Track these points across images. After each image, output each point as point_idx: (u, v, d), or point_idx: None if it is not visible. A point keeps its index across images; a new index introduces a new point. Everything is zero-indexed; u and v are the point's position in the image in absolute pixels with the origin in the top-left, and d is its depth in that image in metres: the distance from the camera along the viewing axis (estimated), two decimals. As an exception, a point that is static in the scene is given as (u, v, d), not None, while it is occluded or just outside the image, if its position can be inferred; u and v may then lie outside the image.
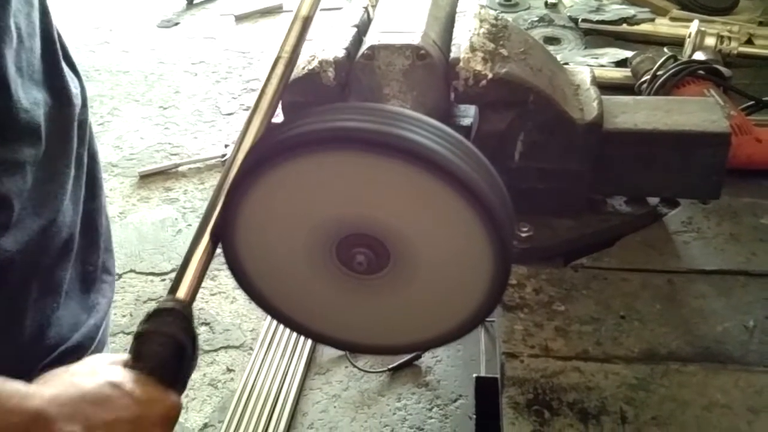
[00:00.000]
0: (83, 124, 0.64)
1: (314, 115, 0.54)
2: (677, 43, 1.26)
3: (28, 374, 0.57)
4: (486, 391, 0.88)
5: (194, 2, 4.32)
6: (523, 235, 0.83)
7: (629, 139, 0.80)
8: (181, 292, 0.53)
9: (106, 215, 0.73)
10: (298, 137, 0.52)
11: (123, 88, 3.45)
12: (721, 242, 0.86)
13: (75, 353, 0.62)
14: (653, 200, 0.89)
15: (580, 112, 0.79)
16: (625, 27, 1.33)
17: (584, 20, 1.35)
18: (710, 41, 1.19)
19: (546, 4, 1.50)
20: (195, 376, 1.98)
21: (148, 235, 2.46)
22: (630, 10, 1.37)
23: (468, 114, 0.84)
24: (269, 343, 1.97)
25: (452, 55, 0.74)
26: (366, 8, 0.86)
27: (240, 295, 2.18)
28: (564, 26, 1.37)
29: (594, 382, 0.70)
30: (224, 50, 3.75)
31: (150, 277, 2.28)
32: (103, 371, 0.48)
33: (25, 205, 0.54)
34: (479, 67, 0.73)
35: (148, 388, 0.48)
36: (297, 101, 0.79)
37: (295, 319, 0.65)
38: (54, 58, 0.58)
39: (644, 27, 1.32)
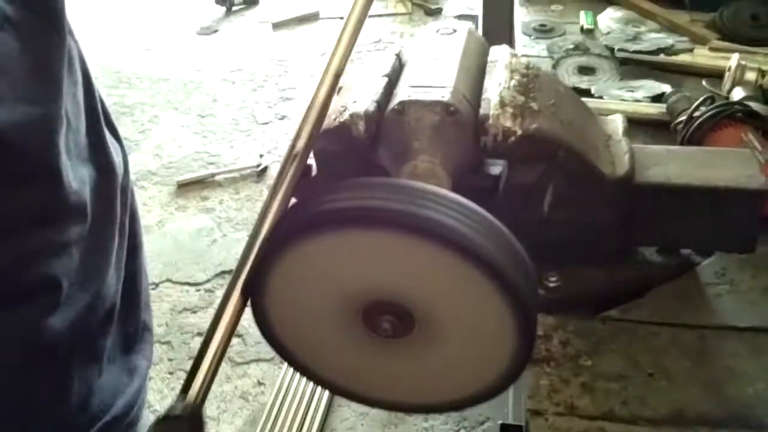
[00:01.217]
0: (125, 189, 0.65)
1: (346, 190, 0.55)
2: (716, 74, 1.24)
3: None
4: (510, 439, 0.89)
5: (233, 9, 4.39)
6: (551, 285, 0.83)
7: (661, 193, 0.79)
8: (194, 389, 0.51)
9: (145, 272, 0.74)
10: (330, 213, 0.54)
11: (163, 96, 3.53)
12: (755, 296, 0.84)
13: (118, 422, 0.63)
14: (686, 250, 0.88)
15: (611, 166, 0.79)
16: (662, 57, 1.31)
17: (620, 50, 1.33)
18: (751, 76, 1.16)
19: (582, 29, 1.48)
20: (227, 388, 2.03)
21: (185, 244, 2.52)
22: (668, 40, 1.35)
23: (497, 162, 0.84)
24: (300, 358, 2.00)
25: (482, 111, 0.75)
26: (398, 55, 0.87)
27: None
28: (599, 55, 1.35)
29: (619, 444, 0.69)
30: (261, 58, 3.81)
31: (185, 287, 2.34)
32: None
33: (72, 282, 0.55)
34: (508, 124, 0.74)
35: None
36: (328, 149, 0.81)
37: (324, 378, 0.66)
38: (98, 133, 0.59)
39: (682, 58, 1.30)
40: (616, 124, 0.85)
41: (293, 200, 0.60)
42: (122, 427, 0.64)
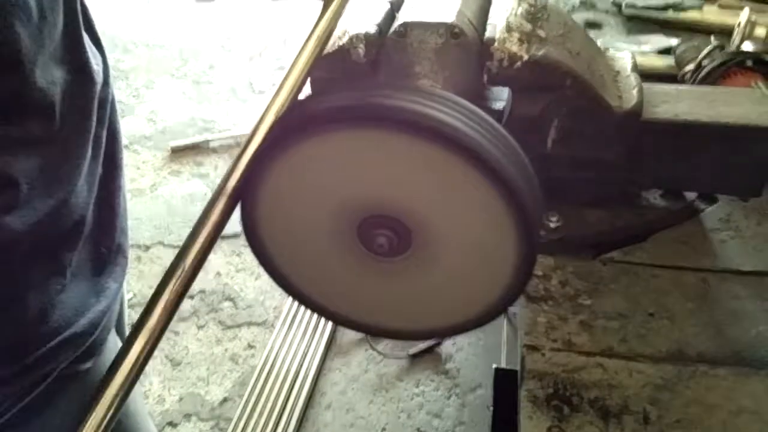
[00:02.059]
0: (104, 102, 0.61)
1: (347, 90, 0.53)
2: (726, 32, 1.21)
3: (29, 358, 0.56)
4: (505, 383, 0.87)
5: (232, -22, 4.31)
6: (552, 225, 0.81)
7: (669, 130, 0.77)
8: None
9: (124, 196, 0.70)
10: (330, 111, 0.51)
11: (158, 62, 3.47)
12: (760, 242, 0.82)
13: (79, 339, 0.60)
14: (690, 195, 0.86)
15: (619, 100, 0.76)
16: (670, 14, 1.28)
17: (628, 5, 1.30)
18: (761, 31, 1.13)
19: (589, -12, 1.45)
20: (216, 350, 2.02)
21: (178, 208, 2.48)
22: (677, -3, 1.32)
23: (501, 98, 0.81)
24: (291, 322, 1.98)
25: (487, 35, 0.72)
26: (401, -16, 0.84)
27: (264, 272, 2.19)
28: (606, 11, 1.32)
29: (617, 380, 0.67)
30: (260, 27, 3.75)
31: (176, 250, 2.30)
32: None
33: (34, 185, 0.52)
34: (515, 49, 0.71)
35: None
36: (326, 77, 0.77)
37: (313, 298, 0.64)
38: (76, 33, 0.55)
39: (691, 14, 1.27)
40: (625, 60, 0.82)
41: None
42: (85, 344, 0.61)
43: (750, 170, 0.77)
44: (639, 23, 1.29)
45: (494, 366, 0.89)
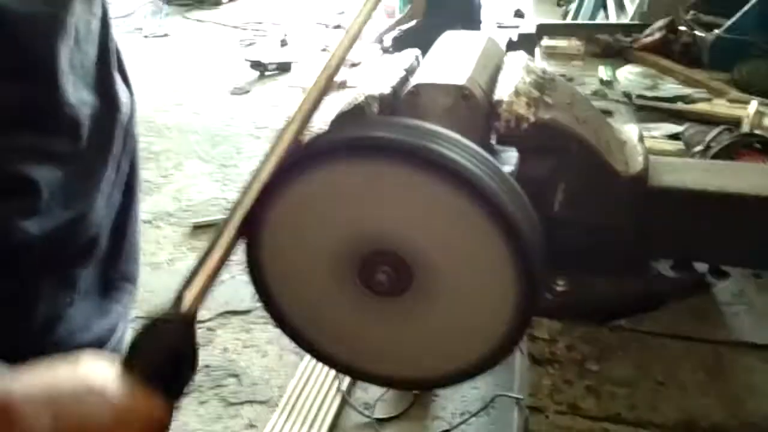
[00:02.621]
0: (128, 133, 0.66)
1: (351, 126, 0.55)
2: (734, 123, 1.24)
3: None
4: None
5: (266, 74, 4.58)
6: (559, 289, 0.80)
7: (676, 198, 0.77)
8: (188, 298, 0.51)
9: (138, 228, 0.74)
10: (333, 143, 0.53)
11: (189, 146, 3.63)
12: (775, 317, 0.80)
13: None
14: (702, 267, 0.85)
15: (625, 165, 0.77)
16: (680, 105, 1.32)
17: (639, 96, 1.35)
18: (769, 122, 1.16)
19: (601, 81, 1.51)
20: (216, 428, 1.95)
21: (192, 283, 2.50)
22: (686, 90, 1.36)
23: (509, 162, 0.83)
24: (295, 402, 1.92)
25: (496, 97, 0.75)
26: (417, 56, 0.89)
27: (272, 350, 2.16)
28: (617, 101, 1.37)
29: (625, 446, 0.64)
30: (288, 117, 3.92)
31: (187, 324, 2.29)
32: (87, 372, 0.46)
33: (54, 195, 0.55)
34: (522, 111, 0.74)
35: (131, 395, 0.46)
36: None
37: (311, 339, 0.63)
38: (107, 68, 0.61)
39: (700, 106, 1.31)
40: (632, 133, 0.84)
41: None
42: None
43: (759, 242, 0.77)
44: (649, 113, 1.33)
45: (498, 436, 0.85)
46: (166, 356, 0.49)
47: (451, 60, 0.82)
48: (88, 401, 0.44)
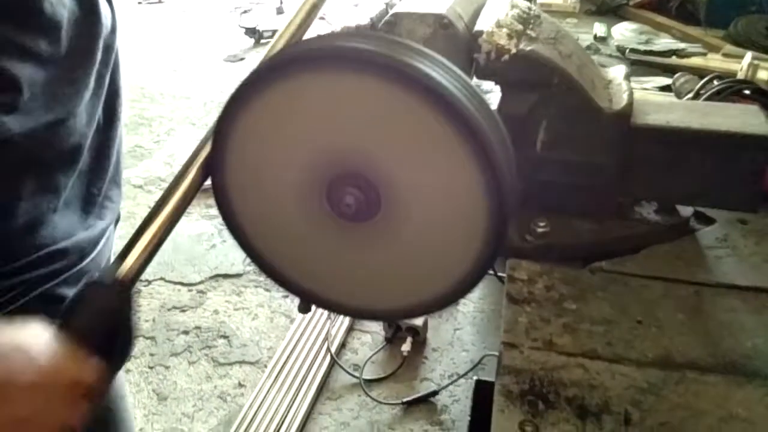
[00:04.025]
0: (109, 48, 0.66)
1: (313, 39, 0.53)
2: (728, 77, 1.21)
3: (11, 266, 0.58)
4: (484, 394, 0.81)
5: (261, 42, 4.52)
6: (540, 230, 0.79)
7: (659, 137, 0.75)
8: (126, 264, 0.49)
9: (119, 152, 0.74)
10: (293, 54, 0.51)
11: (182, 112, 3.59)
12: (759, 261, 0.78)
13: (64, 257, 0.63)
14: (686, 213, 0.83)
15: (609, 103, 0.75)
16: (674, 59, 1.29)
17: (632, 50, 1.32)
18: (763, 75, 1.14)
19: (595, 37, 1.48)
20: (206, 387, 1.96)
21: (183, 246, 2.48)
22: (681, 44, 1.34)
23: (491, 101, 0.81)
24: (284, 363, 1.92)
25: (476, 27, 0.73)
26: (399, -8, 0.86)
27: (262, 312, 2.16)
28: (610, 55, 1.34)
29: (599, 380, 0.63)
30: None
31: (177, 287, 2.29)
32: (17, 332, 0.45)
33: (36, 96, 0.55)
34: (503, 42, 0.71)
35: (58, 356, 0.44)
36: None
37: (281, 271, 0.61)
38: None
39: (694, 60, 1.28)
40: (618, 72, 0.82)
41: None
42: (71, 268, 0.63)
43: (745, 182, 0.75)
44: (643, 67, 1.31)
45: (475, 378, 0.84)
46: (100, 319, 0.47)
47: (433, -7, 0.79)
48: (12, 361, 0.43)
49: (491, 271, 1.04)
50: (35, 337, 0.45)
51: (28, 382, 0.43)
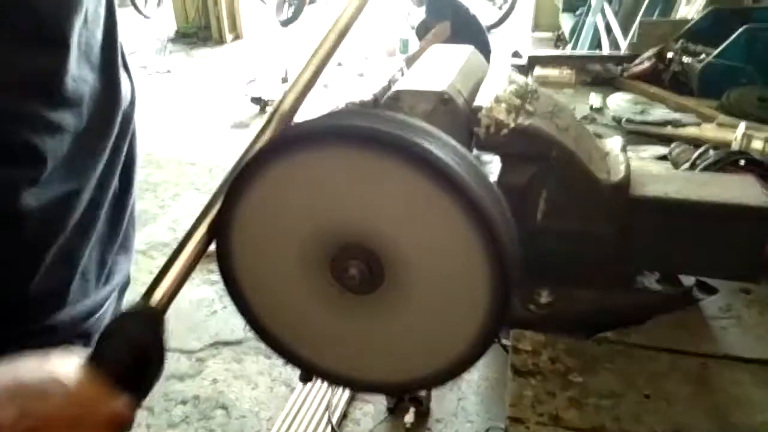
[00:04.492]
0: (127, 120, 0.68)
1: (321, 116, 0.55)
2: (724, 147, 1.24)
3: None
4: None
5: (266, 109, 4.64)
6: (543, 301, 0.79)
7: (658, 208, 0.76)
8: (157, 295, 0.51)
9: (133, 221, 0.76)
10: (299, 132, 0.53)
11: (187, 178, 3.64)
12: (763, 332, 0.78)
13: (74, 323, 0.64)
14: (688, 282, 0.83)
15: (607, 174, 0.77)
16: (669, 129, 1.32)
17: (628, 120, 1.35)
18: (758, 144, 1.16)
19: (591, 107, 1.52)
20: (203, 460, 1.88)
21: (184, 313, 2.47)
22: (675, 114, 1.37)
23: (491, 172, 0.83)
24: (284, 435, 1.87)
25: (476, 103, 0.75)
26: (401, 69, 0.89)
27: (262, 381, 2.12)
28: (606, 125, 1.38)
29: (607, 457, 0.61)
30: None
31: (177, 354, 2.25)
32: (53, 366, 0.46)
33: (57, 168, 0.57)
34: (502, 117, 0.73)
35: (94, 389, 0.46)
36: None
37: (283, 341, 0.61)
38: (112, 54, 0.63)
39: (689, 130, 1.31)
40: (615, 144, 0.84)
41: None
42: (76, 330, 0.65)
43: (744, 253, 0.75)
44: (639, 136, 1.33)
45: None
46: (131, 351, 0.49)
47: (434, 69, 0.82)
48: (52, 395, 0.45)
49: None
50: (70, 373, 0.46)
51: (68, 417, 0.44)
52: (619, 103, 1.48)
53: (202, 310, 2.49)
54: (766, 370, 0.72)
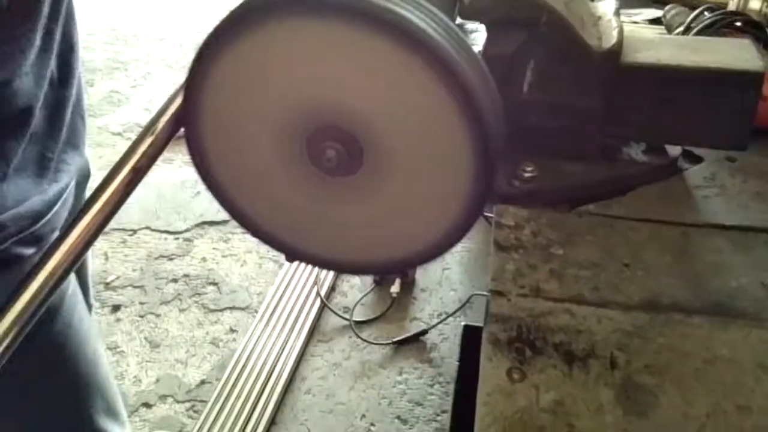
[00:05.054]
0: (57, 3, 0.61)
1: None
2: (720, 8, 1.18)
3: None
4: (472, 340, 0.82)
5: (237, -24, 4.33)
6: (527, 175, 0.77)
7: (650, 76, 0.73)
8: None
9: (81, 113, 0.71)
10: (262, 3, 0.48)
11: (158, 54, 3.47)
12: (746, 199, 0.78)
13: (15, 221, 0.61)
14: (674, 152, 0.82)
15: (598, 41, 0.73)
16: (664, -11, 1.24)
17: (621, -19, 1.27)
18: (755, 5, 1.10)
19: (583, -33, 1.42)
20: (197, 333, 1.97)
21: (167, 194, 2.45)
22: (671, -27, 1.29)
23: (476, 42, 0.78)
24: (274, 308, 1.94)
25: (459, -36, 0.69)
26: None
27: (251, 258, 2.16)
28: (599, -14, 1.28)
29: (585, 325, 0.63)
30: None
31: (164, 235, 2.27)
32: None
33: None
34: (487, -22, 0.68)
35: None
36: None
37: (264, 227, 0.60)
38: None
39: (685, -10, 1.23)
40: (608, 7, 0.79)
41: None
42: (27, 230, 0.62)
43: (735, 120, 0.74)
44: (633, 0, 1.26)
45: (463, 323, 0.85)
46: None
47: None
48: None
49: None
50: None
51: None
52: (613, -39, 1.38)
53: (185, 191, 2.47)
54: (746, 236, 0.73)
